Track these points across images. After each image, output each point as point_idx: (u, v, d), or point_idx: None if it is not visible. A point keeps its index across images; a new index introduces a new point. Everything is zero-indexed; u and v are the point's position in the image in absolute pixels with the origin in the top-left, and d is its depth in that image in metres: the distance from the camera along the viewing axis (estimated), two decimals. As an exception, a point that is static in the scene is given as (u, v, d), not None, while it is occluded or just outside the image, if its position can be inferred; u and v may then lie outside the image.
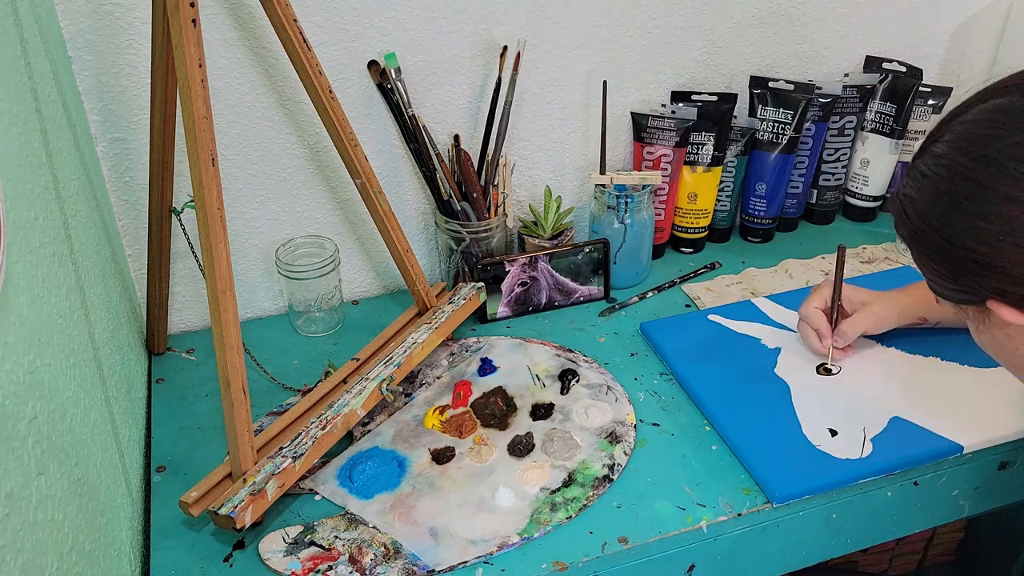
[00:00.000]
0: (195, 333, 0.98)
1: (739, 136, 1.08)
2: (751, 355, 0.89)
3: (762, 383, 0.85)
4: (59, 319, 0.57)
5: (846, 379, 0.86)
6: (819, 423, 0.79)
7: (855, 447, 0.77)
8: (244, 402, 0.70)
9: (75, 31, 0.79)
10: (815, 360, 0.88)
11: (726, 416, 0.81)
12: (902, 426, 0.79)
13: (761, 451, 0.76)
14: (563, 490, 0.75)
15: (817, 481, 0.74)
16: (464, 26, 0.92)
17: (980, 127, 0.53)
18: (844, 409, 0.81)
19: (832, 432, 0.78)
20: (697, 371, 0.87)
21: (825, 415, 0.80)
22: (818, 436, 0.78)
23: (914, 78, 1.09)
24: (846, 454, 0.76)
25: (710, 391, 0.84)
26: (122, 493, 0.68)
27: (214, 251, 0.67)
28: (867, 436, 0.78)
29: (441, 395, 0.87)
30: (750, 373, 0.87)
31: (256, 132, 0.90)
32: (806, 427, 0.79)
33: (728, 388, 0.84)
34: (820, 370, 0.86)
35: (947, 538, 1.23)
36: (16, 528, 0.42)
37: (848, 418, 0.80)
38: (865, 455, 0.76)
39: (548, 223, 1.02)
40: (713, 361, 0.88)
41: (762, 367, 0.88)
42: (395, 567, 0.68)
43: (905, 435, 0.78)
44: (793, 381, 0.85)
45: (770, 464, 0.75)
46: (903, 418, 0.80)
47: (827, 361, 0.87)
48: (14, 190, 0.51)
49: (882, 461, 0.75)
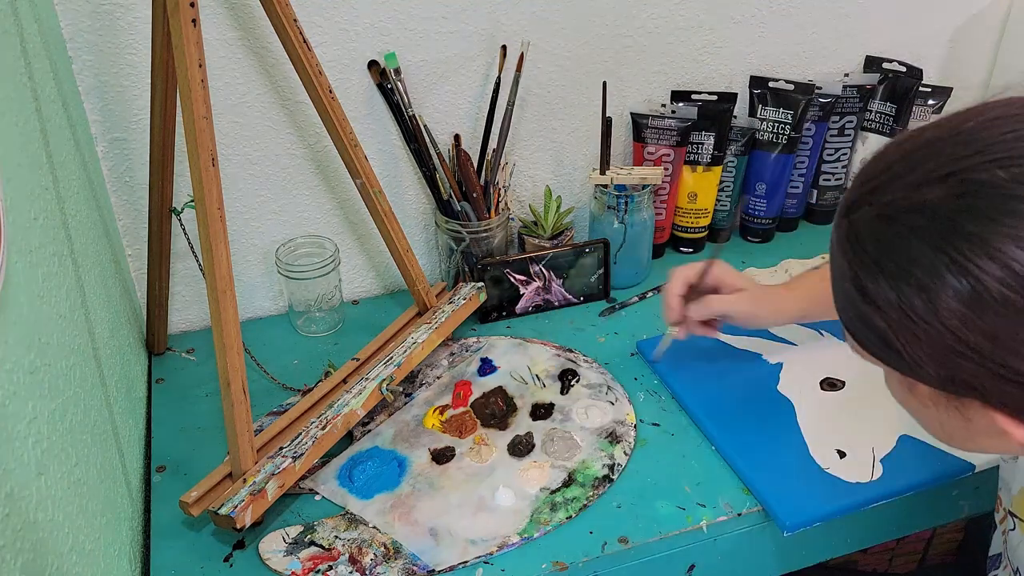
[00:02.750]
0: (195, 333, 0.98)
1: (739, 136, 1.08)
2: (753, 372, 0.87)
3: (765, 402, 0.83)
4: (59, 319, 0.57)
5: (851, 394, 0.83)
6: (826, 444, 0.77)
7: (865, 470, 0.74)
8: (244, 402, 0.70)
9: (75, 31, 0.79)
10: (818, 375, 0.86)
11: (730, 441, 0.78)
12: (911, 445, 0.77)
13: (769, 477, 0.74)
14: (563, 490, 0.75)
15: (827, 508, 0.71)
16: (464, 26, 0.92)
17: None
18: (851, 428, 0.79)
19: (840, 453, 0.76)
20: (698, 393, 0.84)
21: (832, 435, 0.78)
22: (826, 458, 0.76)
23: (914, 78, 1.09)
24: (856, 477, 0.74)
25: (713, 414, 0.81)
26: (122, 493, 0.68)
27: (214, 251, 0.67)
28: (876, 457, 0.76)
29: (441, 395, 0.87)
30: (753, 392, 0.84)
31: (256, 132, 0.90)
32: (813, 448, 0.77)
33: (731, 410, 0.81)
34: (824, 385, 0.84)
35: (947, 538, 1.22)
36: (16, 528, 0.42)
37: (856, 438, 0.78)
38: (875, 478, 0.73)
39: (548, 223, 1.02)
40: (714, 380, 0.86)
41: (765, 385, 0.85)
42: (395, 567, 0.68)
43: (915, 455, 0.76)
44: (797, 399, 0.83)
45: (779, 491, 0.72)
46: (912, 436, 0.77)
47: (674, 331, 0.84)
48: (14, 190, 0.51)
49: (892, 484, 0.73)
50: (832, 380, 0.85)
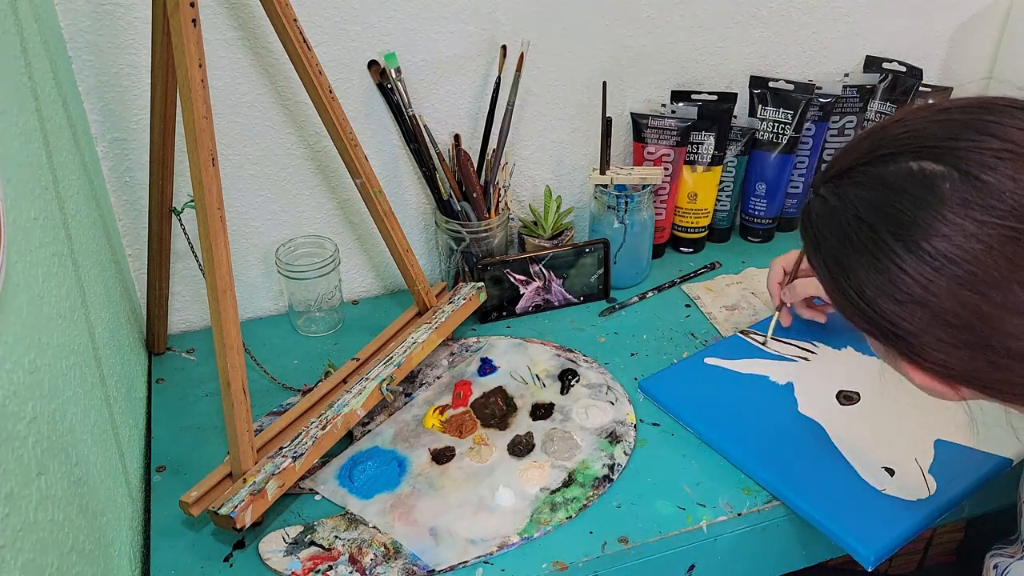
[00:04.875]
0: (195, 333, 0.98)
1: (739, 136, 1.08)
2: (768, 398, 0.83)
3: (795, 430, 0.79)
4: (59, 319, 0.57)
5: (871, 404, 0.81)
6: (872, 463, 0.74)
7: (919, 485, 0.72)
8: (244, 402, 0.70)
9: (75, 31, 0.79)
10: (832, 389, 0.83)
11: (784, 481, 0.73)
12: (949, 450, 0.75)
13: (835, 512, 0.70)
14: (563, 490, 0.75)
15: (900, 532, 0.68)
16: (464, 26, 0.92)
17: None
18: (887, 441, 0.76)
19: (889, 471, 0.73)
20: (726, 432, 0.79)
21: (873, 452, 0.75)
22: (878, 478, 0.73)
23: (914, 78, 1.09)
24: (915, 494, 0.71)
25: (751, 453, 0.76)
26: (122, 493, 0.68)
27: (214, 251, 0.67)
28: (923, 469, 0.74)
29: (441, 395, 0.87)
30: (778, 420, 0.80)
31: (256, 132, 0.90)
32: (861, 470, 0.74)
33: (767, 445, 0.77)
34: (841, 399, 0.82)
35: (947, 538, 1.22)
36: (16, 528, 0.42)
37: (896, 451, 0.76)
38: (933, 492, 0.72)
39: (548, 223, 1.02)
40: (735, 414, 0.81)
41: (785, 409, 0.82)
42: (395, 567, 0.68)
43: (956, 460, 0.74)
44: (824, 419, 0.80)
45: (851, 525, 0.68)
46: (946, 440, 0.76)
47: (777, 315, 0.90)
48: (14, 190, 0.51)
49: (949, 495, 0.71)
50: (847, 393, 0.83)
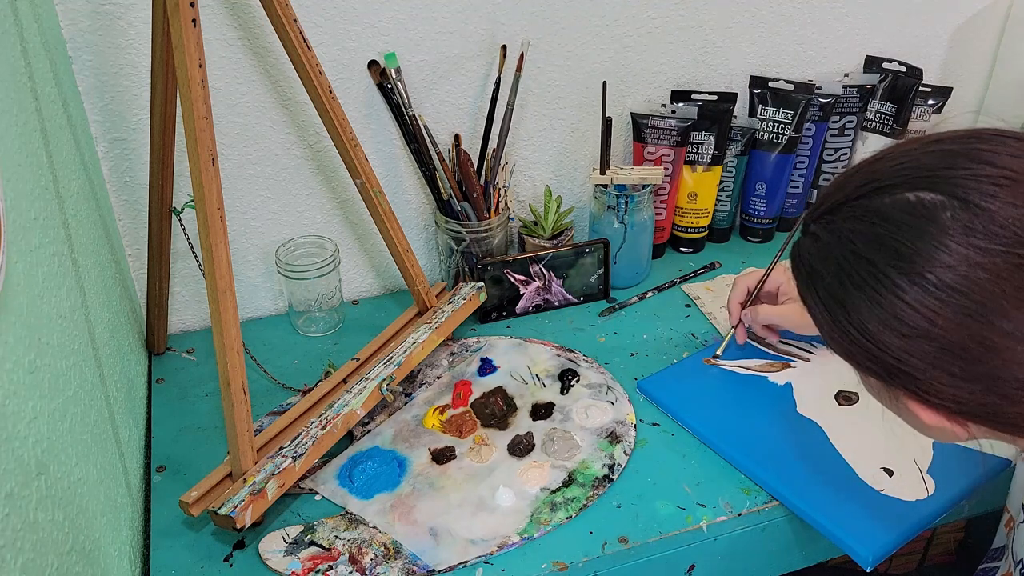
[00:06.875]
0: (195, 333, 0.98)
1: (739, 136, 1.08)
2: (767, 398, 0.84)
3: (794, 431, 0.80)
4: (59, 319, 0.57)
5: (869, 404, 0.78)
6: (870, 464, 0.75)
7: (918, 485, 0.73)
8: (244, 402, 0.70)
9: (75, 31, 0.79)
10: (830, 390, 0.84)
11: (783, 483, 0.74)
12: (947, 450, 0.75)
13: (834, 512, 0.71)
14: (563, 490, 0.75)
15: (898, 534, 0.69)
16: (464, 26, 0.92)
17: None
18: (884, 441, 0.76)
19: (888, 472, 0.74)
20: (725, 432, 0.80)
21: (871, 453, 0.76)
22: (876, 478, 0.74)
23: (914, 78, 1.09)
24: (913, 494, 0.72)
25: (750, 454, 0.77)
26: (122, 493, 0.68)
27: (214, 251, 0.67)
28: (922, 470, 0.74)
29: (441, 395, 0.87)
30: (778, 421, 0.81)
31: (256, 132, 0.90)
32: (860, 471, 0.74)
33: (766, 445, 0.78)
34: (840, 400, 0.82)
35: (947, 538, 1.22)
36: (16, 528, 0.42)
37: (894, 452, 0.76)
38: (931, 493, 0.72)
39: (548, 223, 1.02)
40: (734, 414, 0.82)
41: (784, 410, 0.82)
42: (395, 567, 0.68)
43: (955, 460, 0.75)
44: (822, 420, 0.81)
45: (849, 526, 0.69)
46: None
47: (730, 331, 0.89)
48: (14, 190, 0.51)
49: (948, 495, 0.72)
50: (846, 394, 0.83)
